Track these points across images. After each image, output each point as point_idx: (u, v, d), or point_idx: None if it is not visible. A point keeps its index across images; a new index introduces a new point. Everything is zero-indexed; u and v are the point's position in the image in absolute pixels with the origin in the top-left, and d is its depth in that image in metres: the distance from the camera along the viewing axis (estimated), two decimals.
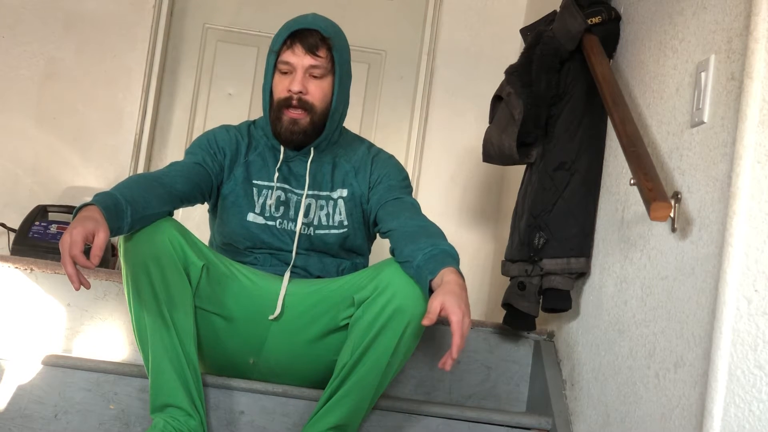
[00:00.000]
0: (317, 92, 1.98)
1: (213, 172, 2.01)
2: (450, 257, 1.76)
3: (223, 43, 3.69)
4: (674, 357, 1.62)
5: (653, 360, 1.72)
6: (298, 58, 1.96)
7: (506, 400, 2.36)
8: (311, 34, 1.96)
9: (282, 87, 1.98)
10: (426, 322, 1.63)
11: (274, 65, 2.00)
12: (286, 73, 1.98)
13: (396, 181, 2.09)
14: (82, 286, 1.61)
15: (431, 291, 1.73)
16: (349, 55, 2.04)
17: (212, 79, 3.68)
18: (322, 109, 2.00)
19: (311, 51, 1.95)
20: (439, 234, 1.87)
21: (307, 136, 2.01)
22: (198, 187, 1.97)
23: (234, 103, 3.66)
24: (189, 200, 1.96)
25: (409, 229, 1.88)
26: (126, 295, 1.84)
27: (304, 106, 1.97)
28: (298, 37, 1.96)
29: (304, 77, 1.96)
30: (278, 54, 1.98)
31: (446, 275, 1.70)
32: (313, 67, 1.96)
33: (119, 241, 1.83)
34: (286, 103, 1.97)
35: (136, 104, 3.53)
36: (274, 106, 2.00)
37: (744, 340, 1.35)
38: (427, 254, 1.76)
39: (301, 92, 1.96)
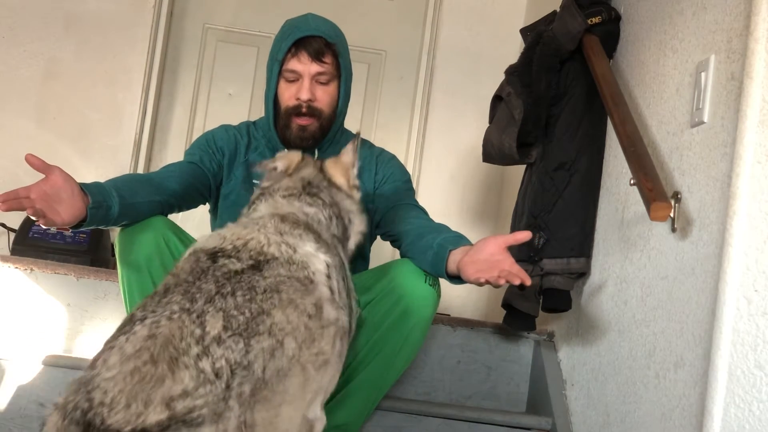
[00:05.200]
0: (325, 98, 1.97)
1: (210, 171, 2.00)
2: (470, 242, 1.79)
3: (223, 43, 3.69)
4: (674, 357, 1.62)
5: (653, 360, 1.72)
6: (304, 66, 1.95)
7: (506, 400, 2.36)
8: (315, 41, 1.94)
9: (289, 95, 1.97)
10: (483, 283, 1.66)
11: (278, 73, 1.98)
12: (292, 81, 1.97)
13: (401, 182, 2.09)
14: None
15: (449, 274, 1.74)
16: (349, 54, 2.04)
17: (212, 79, 3.68)
18: (330, 113, 1.99)
19: (317, 58, 1.94)
20: (454, 231, 1.89)
21: (316, 140, 2.01)
22: (193, 187, 1.96)
23: (234, 103, 3.66)
24: (184, 199, 1.93)
25: (427, 227, 1.90)
26: (122, 294, 1.83)
27: (314, 112, 1.96)
28: (303, 45, 1.94)
29: (311, 84, 1.95)
30: (282, 62, 1.96)
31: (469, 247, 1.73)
32: (319, 74, 1.95)
33: (115, 242, 1.82)
34: (295, 110, 1.96)
35: (136, 104, 3.53)
36: (282, 114, 1.99)
37: (744, 340, 1.35)
38: (449, 237, 1.79)
39: (310, 100, 1.95)
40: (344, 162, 1.76)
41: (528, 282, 1.60)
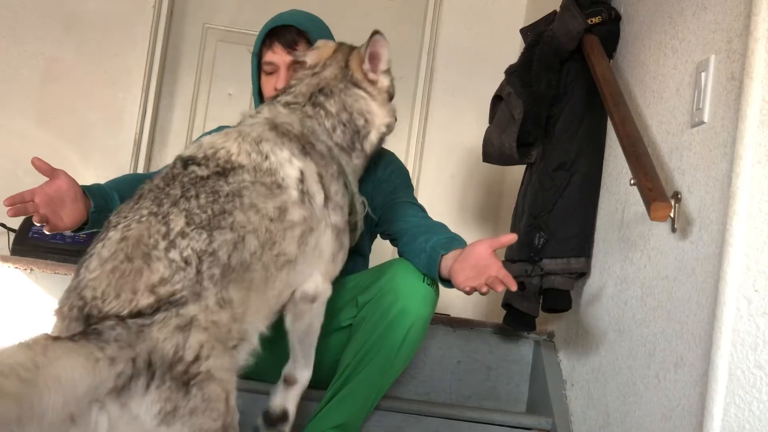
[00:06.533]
0: None
1: None
2: (464, 243, 1.79)
3: (223, 43, 3.69)
4: (674, 357, 1.62)
5: (653, 360, 1.72)
6: (278, 56, 1.97)
7: (506, 400, 2.36)
8: (288, 31, 1.97)
9: (269, 87, 1.99)
10: (468, 291, 1.68)
11: (258, 67, 2.01)
12: (271, 73, 1.99)
13: (399, 179, 2.08)
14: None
15: (441, 278, 1.75)
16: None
17: (212, 79, 3.68)
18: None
19: (290, 47, 1.96)
20: (450, 231, 1.88)
21: None
22: None
23: (234, 103, 3.66)
24: None
25: (423, 226, 1.90)
26: None
27: None
28: (276, 36, 1.97)
29: (288, 74, 1.97)
30: (260, 56, 1.99)
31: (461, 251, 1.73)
32: (295, 62, 1.97)
33: None
34: None
35: (136, 104, 3.53)
36: None
37: (744, 340, 1.35)
38: (442, 239, 1.79)
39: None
40: (360, 53, 1.80)
41: (514, 287, 1.62)
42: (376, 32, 1.77)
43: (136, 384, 1.19)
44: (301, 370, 1.73)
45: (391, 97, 1.83)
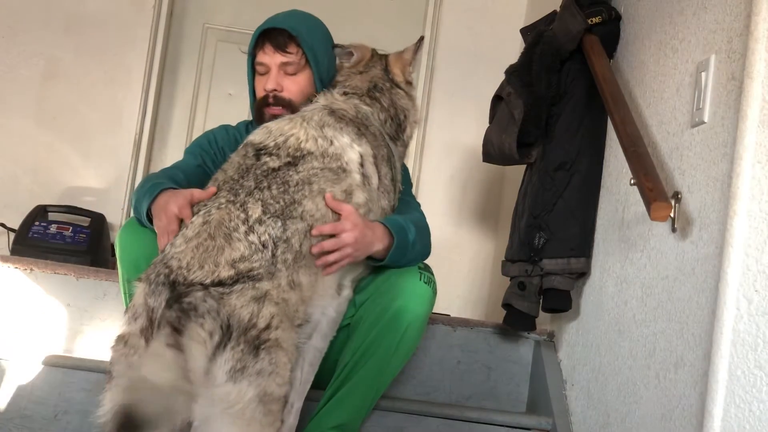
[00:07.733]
0: (293, 87, 1.98)
1: (213, 172, 2.01)
2: (394, 224, 1.79)
3: (223, 43, 3.69)
4: (674, 357, 1.62)
5: (653, 360, 1.72)
6: (269, 57, 1.98)
7: (506, 401, 2.36)
8: (280, 33, 1.98)
9: (260, 87, 2.00)
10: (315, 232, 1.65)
11: (252, 67, 2.02)
12: (263, 74, 2.00)
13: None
14: None
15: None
16: (325, 47, 2.04)
17: (212, 79, 3.68)
18: (301, 102, 1.99)
19: (281, 49, 1.97)
20: (414, 221, 1.87)
21: None
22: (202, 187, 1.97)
23: (234, 102, 3.66)
24: None
25: None
26: (122, 295, 1.84)
27: (282, 102, 1.98)
28: (268, 37, 1.98)
29: (278, 75, 1.98)
30: (254, 56, 2.01)
31: None
32: (285, 64, 1.98)
33: (115, 242, 1.83)
34: (265, 102, 1.99)
35: (136, 104, 3.53)
36: (256, 107, 2.02)
37: (744, 341, 1.35)
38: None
39: (275, 89, 1.97)
40: (404, 58, 2.04)
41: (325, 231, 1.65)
42: (422, 38, 2.05)
43: (218, 345, 1.37)
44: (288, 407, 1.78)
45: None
